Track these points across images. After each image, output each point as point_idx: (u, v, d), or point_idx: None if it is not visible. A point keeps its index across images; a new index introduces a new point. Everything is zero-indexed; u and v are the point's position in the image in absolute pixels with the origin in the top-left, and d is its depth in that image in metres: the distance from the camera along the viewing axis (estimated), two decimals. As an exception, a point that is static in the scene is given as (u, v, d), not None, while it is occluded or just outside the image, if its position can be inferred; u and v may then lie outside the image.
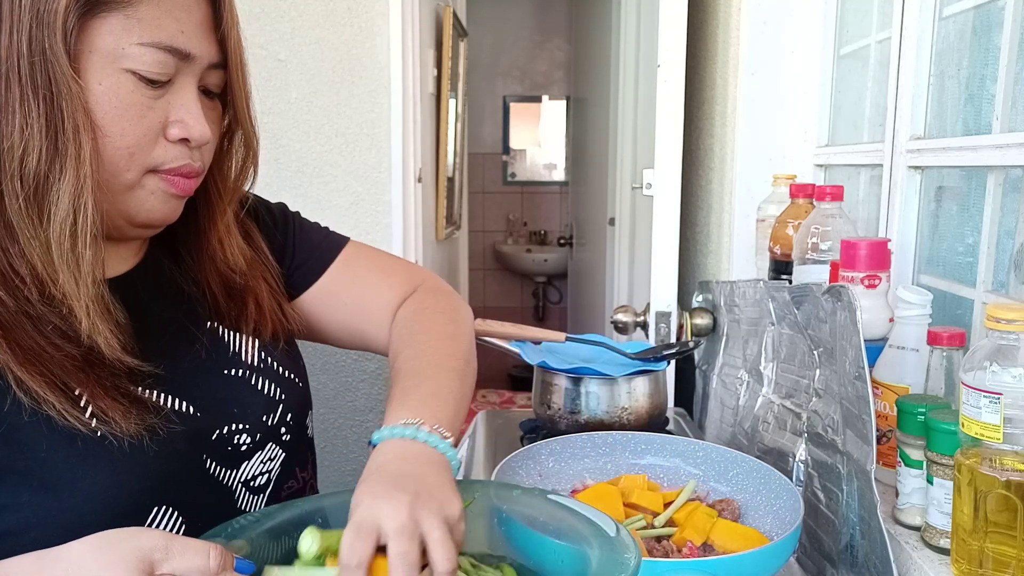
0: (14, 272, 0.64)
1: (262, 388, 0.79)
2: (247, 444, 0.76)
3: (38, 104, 0.61)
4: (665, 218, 1.61)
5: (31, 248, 0.64)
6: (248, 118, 0.76)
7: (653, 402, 1.27)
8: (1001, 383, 0.67)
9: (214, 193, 0.79)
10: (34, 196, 0.63)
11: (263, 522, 0.68)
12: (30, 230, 0.63)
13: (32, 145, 0.62)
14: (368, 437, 2.62)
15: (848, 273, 1.00)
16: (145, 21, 0.64)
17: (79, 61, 0.63)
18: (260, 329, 0.81)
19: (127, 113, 0.65)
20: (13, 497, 0.63)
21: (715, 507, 0.94)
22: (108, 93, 0.64)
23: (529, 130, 4.95)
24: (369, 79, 2.19)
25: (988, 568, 0.69)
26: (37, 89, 0.61)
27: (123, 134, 0.65)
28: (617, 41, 2.52)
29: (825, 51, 1.51)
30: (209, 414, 0.73)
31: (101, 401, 0.65)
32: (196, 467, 0.72)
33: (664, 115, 1.57)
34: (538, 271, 4.84)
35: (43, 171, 0.62)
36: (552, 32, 4.82)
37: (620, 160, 2.52)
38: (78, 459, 0.64)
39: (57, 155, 0.62)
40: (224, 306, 0.80)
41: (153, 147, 0.68)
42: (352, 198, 2.24)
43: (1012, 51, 0.96)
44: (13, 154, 0.62)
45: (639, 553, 0.62)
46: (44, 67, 0.61)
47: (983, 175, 1.02)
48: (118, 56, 0.64)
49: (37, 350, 0.64)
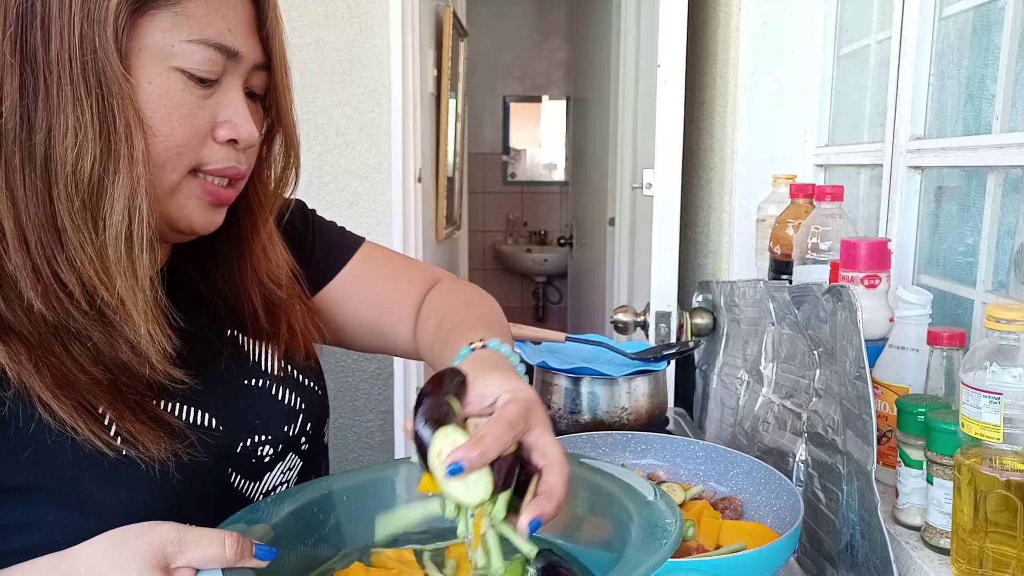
0: (59, 282, 0.62)
1: (283, 398, 0.78)
2: (269, 456, 0.75)
3: (91, 105, 0.60)
4: (665, 218, 1.61)
5: (82, 255, 0.62)
6: (291, 122, 0.75)
7: (653, 402, 1.27)
8: (1001, 383, 0.67)
9: (255, 200, 0.77)
10: (89, 200, 0.61)
11: (284, 505, 0.67)
12: (84, 235, 0.61)
13: (86, 147, 0.60)
14: (368, 437, 2.62)
15: (848, 273, 1.00)
16: (193, 18, 0.63)
17: (129, 59, 0.62)
18: (291, 351, 0.80)
19: (177, 112, 0.64)
20: (39, 515, 0.62)
21: (717, 506, 0.94)
22: (158, 92, 0.63)
23: (529, 130, 4.95)
24: (369, 79, 2.19)
25: (988, 568, 0.69)
26: (90, 90, 0.60)
27: (172, 133, 0.64)
28: (617, 41, 2.52)
29: (825, 51, 1.51)
30: (232, 427, 0.73)
31: (130, 424, 0.64)
32: (221, 481, 0.71)
33: (664, 115, 1.57)
34: (538, 271, 4.84)
35: (98, 174, 0.61)
36: (552, 32, 4.82)
37: (620, 160, 2.52)
38: (105, 479, 0.63)
39: (111, 157, 0.61)
40: (263, 321, 0.78)
41: (201, 148, 0.67)
42: (352, 198, 2.24)
43: (1012, 51, 0.96)
44: (67, 157, 0.60)
45: (680, 518, 0.59)
46: (95, 67, 0.60)
47: (983, 175, 1.02)
48: (167, 54, 0.63)
49: (66, 373, 0.62)
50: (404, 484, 0.73)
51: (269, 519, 0.64)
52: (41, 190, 0.60)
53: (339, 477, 0.74)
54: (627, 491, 0.65)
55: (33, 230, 0.61)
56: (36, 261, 0.62)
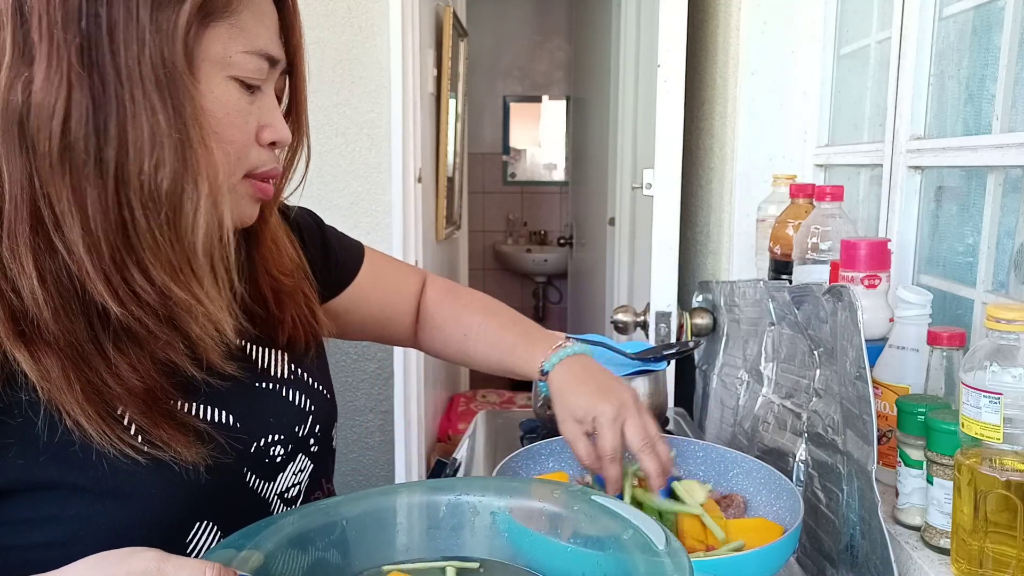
0: (127, 286, 0.62)
1: (293, 399, 0.78)
2: (281, 455, 0.75)
3: (165, 116, 0.61)
4: (665, 218, 1.61)
5: (158, 260, 0.62)
6: (306, 119, 0.77)
7: (653, 402, 1.27)
8: (1001, 383, 0.67)
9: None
10: (169, 208, 0.62)
11: (279, 530, 0.65)
12: (164, 241, 0.62)
13: (163, 157, 0.61)
14: (368, 437, 2.62)
15: (848, 273, 1.00)
16: (247, 29, 0.65)
17: (195, 71, 0.63)
18: (292, 342, 0.81)
19: (235, 120, 0.66)
20: (61, 509, 0.62)
21: (720, 504, 0.94)
22: (220, 101, 0.65)
23: (529, 130, 4.95)
24: (369, 79, 2.19)
25: (988, 568, 0.69)
26: (164, 100, 0.60)
27: (232, 140, 0.66)
28: (617, 41, 2.52)
29: (825, 51, 1.51)
30: (248, 425, 0.73)
31: (162, 431, 0.64)
32: (238, 480, 0.71)
33: (664, 115, 1.57)
34: (538, 271, 4.84)
35: (177, 182, 0.61)
36: (552, 32, 4.81)
37: (620, 160, 2.52)
38: (130, 478, 0.63)
39: (187, 165, 0.62)
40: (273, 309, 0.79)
41: (250, 152, 0.69)
42: (352, 198, 2.24)
43: (1012, 51, 0.96)
44: (143, 168, 0.60)
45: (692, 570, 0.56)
46: (167, 79, 0.60)
47: (983, 175, 1.02)
48: (226, 64, 0.65)
49: (99, 386, 0.62)
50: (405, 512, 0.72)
51: (262, 545, 0.63)
52: (113, 199, 0.61)
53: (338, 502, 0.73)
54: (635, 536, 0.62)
55: (106, 241, 0.61)
56: (107, 269, 0.61)
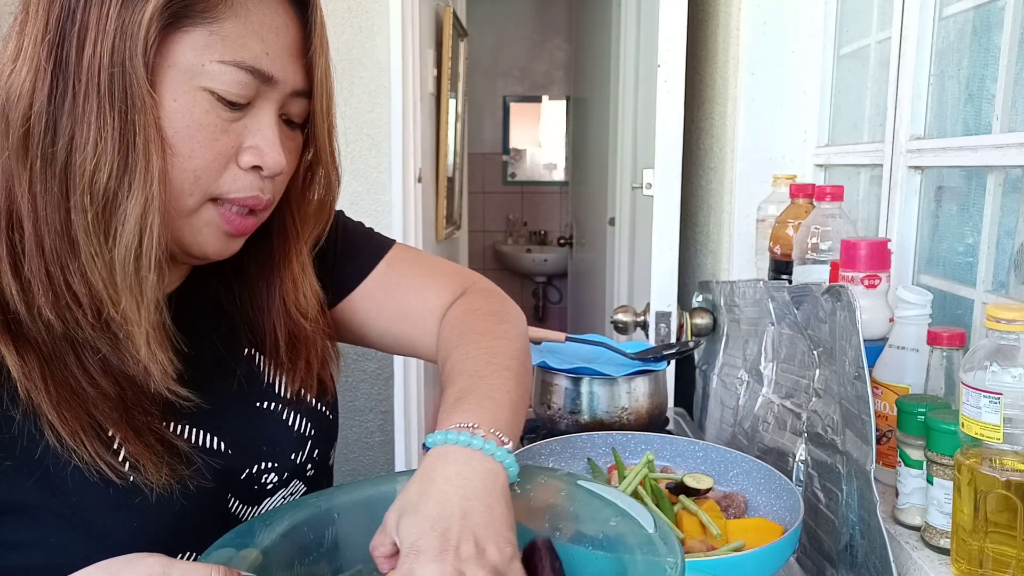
0: (70, 292, 0.61)
1: (293, 424, 0.76)
2: (273, 483, 0.74)
3: (113, 117, 0.59)
4: (665, 218, 1.61)
5: (93, 266, 0.61)
6: (329, 153, 0.72)
7: (653, 402, 1.27)
8: (1001, 383, 0.67)
9: (291, 229, 0.75)
10: (102, 213, 0.60)
11: (276, 526, 0.65)
12: (95, 248, 0.60)
13: (104, 159, 0.59)
14: (368, 437, 2.60)
15: (848, 273, 1.00)
16: (229, 39, 0.62)
17: (156, 75, 0.60)
18: (305, 386, 0.78)
19: (199, 134, 0.62)
20: (43, 535, 0.62)
21: (720, 504, 0.94)
22: (182, 111, 0.62)
23: (529, 130, 4.95)
24: (369, 79, 2.19)
25: (988, 568, 0.69)
26: (114, 102, 0.59)
27: (191, 155, 0.63)
28: (617, 41, 2.52)
29: (825, 51, 1.51)
30: (239, 451, 0.71)
31: (134, 446, 0.63)
32: (220, 507, 0.70)
33: (664, 115, 1.58)
34: (538, 271, 4.84)
35: (113, 187, 0.59)
36: (552, 32, 4.82)
37: (620, 160, 2.52)
38: (110, 506, 0.62)
39: (127, 172, 0.60)
40: (283, 353, 0.77)
41: (221, 173, 0.65)
42: (352, 198, 2.24)
43: (1012, 51, 0.96)
44: (85, 167, 0.59)
45: (682, 557, 0.56)
46: (122, 79, 0.59)
47: (983, 175, 1.02)
48: (196, 73, 0.61)
49: (74, 387, 0.62)
50: None
51: (259, 542, 0.62)
52: (59, 197, 0.60)
53: (333, 493, 0.72)
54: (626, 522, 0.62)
55: (49, 236, 0.61)
56: (50, 268, 0.61)
